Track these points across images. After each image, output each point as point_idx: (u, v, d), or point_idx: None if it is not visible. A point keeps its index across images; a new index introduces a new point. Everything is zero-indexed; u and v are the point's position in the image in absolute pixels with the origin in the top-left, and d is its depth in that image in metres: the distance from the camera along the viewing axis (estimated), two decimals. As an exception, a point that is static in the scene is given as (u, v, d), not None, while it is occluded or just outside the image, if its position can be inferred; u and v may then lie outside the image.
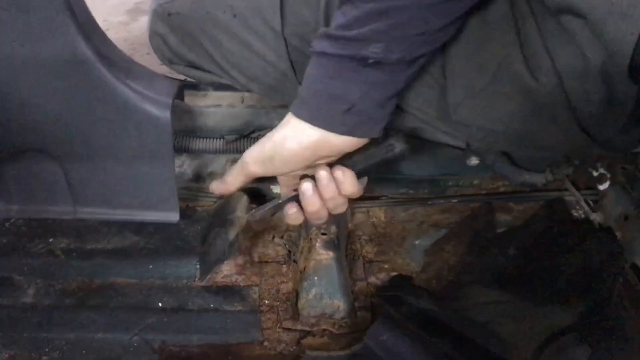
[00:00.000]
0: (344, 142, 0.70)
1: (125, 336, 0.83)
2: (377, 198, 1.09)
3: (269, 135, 0.73)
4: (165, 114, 0.87)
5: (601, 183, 1.04)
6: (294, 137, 0.70)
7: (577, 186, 1.06)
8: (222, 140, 0.96)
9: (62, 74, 0.83)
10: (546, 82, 0.78)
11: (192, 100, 0.98)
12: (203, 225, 0.95)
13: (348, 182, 0.73)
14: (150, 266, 0.92)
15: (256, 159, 0.74)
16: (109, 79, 0.85)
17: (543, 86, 0.78)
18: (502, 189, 1.09)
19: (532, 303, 0.89)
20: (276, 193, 1.05)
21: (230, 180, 0.80)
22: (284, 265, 0.97)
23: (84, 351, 0.81)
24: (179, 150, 0.96)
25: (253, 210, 0.81)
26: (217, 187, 0.82)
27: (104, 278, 0.91)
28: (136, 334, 0.84)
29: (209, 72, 0.92)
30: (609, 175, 1.03)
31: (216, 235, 0.82)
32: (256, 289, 0.92)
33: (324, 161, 0.74)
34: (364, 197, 1.07)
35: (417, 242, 1.01)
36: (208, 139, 0.96)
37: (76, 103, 0.86)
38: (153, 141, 0.89)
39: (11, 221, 0.96)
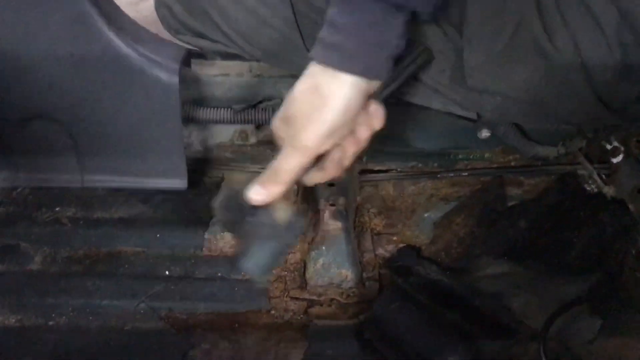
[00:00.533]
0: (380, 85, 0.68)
1: (131, 303, 0.83)
2: (386, 171, 1.07)
3: (316, 108, 0.66)
4: (173, 79, 0.86)
5: (614, 156, 1.02)
6: (356, 96, 0.65)
7: (590, 160, 1.04)
8: (229, 109, 0.95)
9: (69, 38, 0.82)
10: (562, 47, 0.77)
11: (199, 69, 0.97)
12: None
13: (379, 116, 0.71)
14: (157, 235, 0.92)
15: (321, 138, 0.66)
16: (117, 43, 0.84)
17: (559, 51, 0.77)
18: (513, 163, 1.07)
19: (543, 275, 0.88)
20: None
21: (288, 175, 0.69)
22: (292, 237, 0.96)
23: (90, 317, 0.81)
24: (186, 120, 0.95)
25: None
26: (268, 191, 0.70)
27: (110, 246, 0.90)
28: (142, 302, 0.83)
29: (216, 41, 0.91)
30: (622, 149, 1.01)
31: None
32: (264, 258, 0.91)
33: None
34: (373, 171, 1.06)
35: (426, 215, 1.00)
36: (215, 109, 0.95)
37: (84, 68, 0.85)
38: (161, 106, 0.88)
39: (18, 190, 0.96)
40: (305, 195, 0.99)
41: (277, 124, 0.70)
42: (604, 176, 1.02)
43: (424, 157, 1.06)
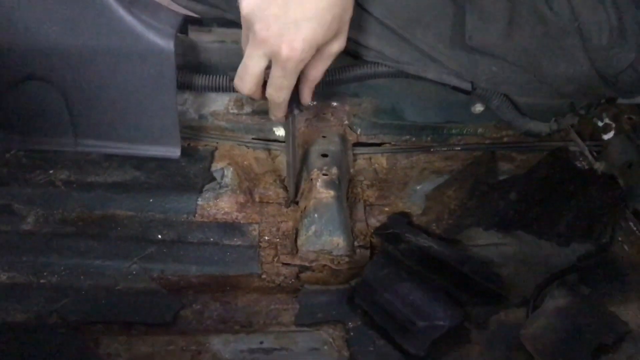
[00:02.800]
0: None
1: (123, 264, 0.83)
2: (379, 145, 1.08)
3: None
4: (169, 44, 0.86)
5: (606, 133, 1.03)
6: None
7: (582, 137, 1.06)
8: (225, 77, 0.95)
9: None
10: (559, 11, 0.78)
11: (196, 36, 0.97)
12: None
13: None
14: (151, 200, 0.92)
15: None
16: (113, 6, 0.84)
17: (557, 15, 0.78)
18: (505, 139, 1.08)
19: (533, 245, 0.89)
20: (280, 136, 1.05)
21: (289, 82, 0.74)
22: (284, 206, 0.96)
23: (82, 277, 0.81)
24: (182, 86, 0.95)
25: None
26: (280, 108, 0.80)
27: (103, 210, 0.90)
28: (135, 263, 0.83)
29: (214, 6, 0.92)
30: (614, 125, 1.03)
31: None
32: (256, 226, 0.92)
33: None
34: (367, 144, 1.07)
35: (418, 187, 1.01)
36: (211, 76, 0.95)
37: (79, 29, 0.85)
38: (156, 72, 0.88)
39: (12, 152, 0.96)
40: (299, 165, 1.00)
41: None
42: (595, 153, 1.03)
43: (417, 131, 1.07)
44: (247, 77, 0.75)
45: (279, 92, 0.76)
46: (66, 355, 0.73)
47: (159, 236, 0.88)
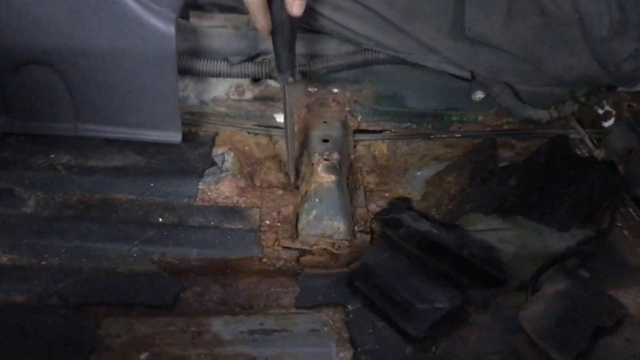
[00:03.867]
0: None
1: (124, 247, 0.83)
2: (380, 132, 1.08)
3: None
4: (169, 28, 0.87)
5: (606, 120, 1.03)
6: None
7: (582, 125, 1.06)
8: (226, 62, 0.95)
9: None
10: (560, 3, 0.78)
11: (197, 20, 0.97)
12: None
13: None
14: (152, 184, 0.92)
15: None
16: (115, -11, 0.84)
17: (558, 7, 0.78)
18: (505, 127, 1.08)
19: (532, 230, 0.89)
20: (280, 122, 1.05)
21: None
22: (285, 191, 0.97)
23: (82, 259, 0.82)
24: (183, 71, 0.95)
25: None
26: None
27: (104, 193, 0.91)
28: (135, 245, 0.84)
29: None
30: (614, 112, 1.03)
31: None
32: (257, 210, 0.92)
33: None
34: (367, 131, 1.07)
35: (418, 174, 1.01)
36: (211, 60, 0.95)
37: (81, 12, 0.85)
38: (157, 56, 0.89)
39: (13, 136, 0.96)
40: (300, 151, 1.00)
41: None
42: (595, 140, 1.03)
43: (418, 118, 1.07)
44: None
45: None
46: (67, 335, 0.73)
47: (160, 219, 0.88)
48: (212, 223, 0.90)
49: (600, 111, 1.05)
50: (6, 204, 0.87)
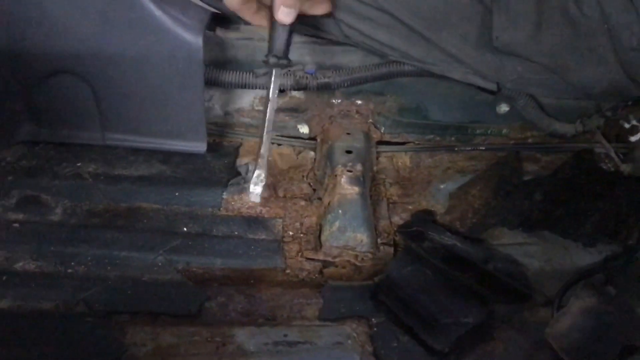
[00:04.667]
0: None
1: (149, 256, 0.84)
2: (403, 144, 1.08)
3: None
4: (197, 40, 0.88)
5: (633, 134, 1.02)
6: None
7: (608, 139, 1.05)
8: (251, 73, 0.96)
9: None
10: (589, 13, 0.77)
11: (223, 33, 0.98)
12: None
13: None
14: (177, 194, 0.93)
15: None
16: (144, 1, 0.85)
17: (586, 17, 0.77)
18: (530, 140, 1.07)
19: (558, 246, 0.88)
20: (304, 133, 1.05)
21: None
22: (308, 202, 0.97)
23: (108, 267, 0.82)
24: (208, 82, 0.96)
25: None
26: (287, 8, 0.76)
27: (130, 202, 0.91)
28: (160, 255, 0.84)
29: None
30: (641, 126, 1.02)
31: None
32: (280, 220, 0.92)
33: None
34: (390, 142, 1.07)
35: (442, 186, 1.00)
36: (237, 72, 0.96)
37: (110, 24, 0.86)
38: (184, 67, 0.89)
39: (40, 145, 0.97)
40: (323, 162, 1.00)
41: None
42: (621, 155, 1.02)
43: (441, 130, 1.07)
44: None
45: None
46: (93, 343, 0.73)
47: (185, 229, 0.89)
48: (236, 233, 0.90)
49: (627, 125, 1.04)
50: (33, 212, 0.88)
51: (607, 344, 0.73)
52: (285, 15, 0.76)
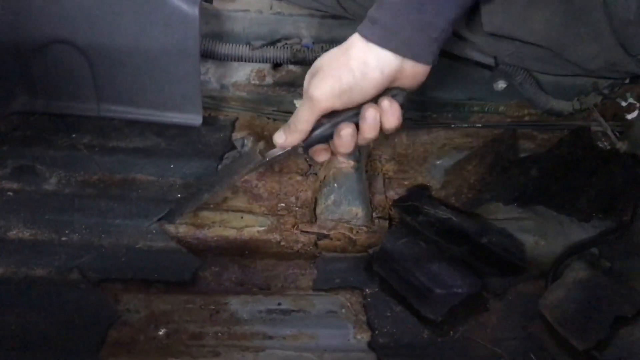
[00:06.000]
0: (424, 69, 0.69)
1: (143, 223, 0.84)
2: (399, 120, 1.07)
3: (338, 65, 0.68)
4: (193, 10, 0.87)
5: (630, 112, 1.02)
6: (377, 67, 0.67)
7: (605, 117, 1.05)
8: (247, 46, 0.95)
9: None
10: None
11: (220, 4, 0.97)
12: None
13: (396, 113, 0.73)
14: (172, 165, 0.92)
15: (331, 93, 0.68)
16: (140, -30, 0.84)
17: None
18: (527, 118, 1.07)
19: (553, 220, 0.88)
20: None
21: (302, 124, 0.72)
22: (304, 177, 0.97)
23: (102, 235, 0.82)
24: (204, 55, 0.95)
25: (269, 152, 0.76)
26: (286, 137, 0.73)
27: (124, 173, 0.91)
28: (154, 222, 0.84)
29: None
30: (638, 105, 1.02)
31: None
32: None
33: None
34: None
35: (438, 162, 1.00)
36: (233, 44, 0.95)
37: (107, -8, 0.86)
38: (180, 38, 0.89)
39: (35, 116, 0.97)
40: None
41: (307, 76, 0.71)
42: (617, 133, 1.02)
43: (438, 107, 1.07)
44: None
45: None
46: (86, 309, 0.73)
47: (178, 195, 0.88)
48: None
49: (624, 104, 1.04)
50: (29, 181, 0.88)
51: (600, 315, 0.73)
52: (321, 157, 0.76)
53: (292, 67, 1.02)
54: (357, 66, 0.67)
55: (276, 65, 1.02)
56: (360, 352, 0.72)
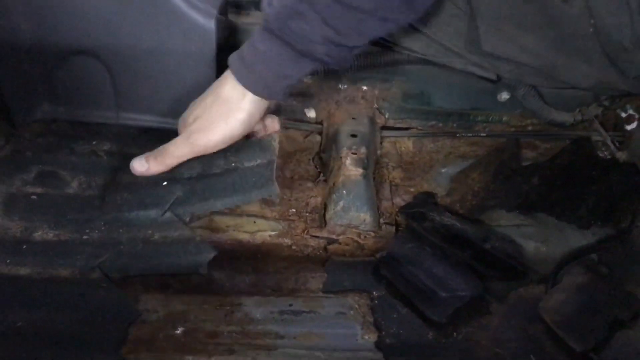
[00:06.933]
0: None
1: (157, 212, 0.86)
2: (406, 129, 1.11)
3: (225, 114, 0.82)
4: (210, 23, 0.91)
5: (629, 123, 1.05)
6: (257, 110, 0.83)
7: (605, 128, 1.08)
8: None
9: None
10: (574, 14, 0.79)
11: (235, 18, 1.02)
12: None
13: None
14: (187, 172, 0.96)
15: (222, 141, 0.84)
16: (159, -15, 0.89)
17: (571, 16, 0.79)
18: (530, 127, 1.11)
19: (554, 227, 0.92)
20: (310, 117, 1.09)
21: (173, 160, 0.86)
22: (314, 183, 1.00)
23: (120, 230, 0.85)
24: (220, 66, 0.99)
25: None
26: (149, 166, 0.86)
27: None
28: (167, 210, 0.86)
29: None
30: (637, 116, 1.05)
31: None
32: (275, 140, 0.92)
33: None
34: (394, 128, 1.11)
35: (443, 170, 1.04)
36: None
37: (126, 8, 0.90)
38: (197, 50, 0.93)
39: (58, 123, 1.01)
40: (328, 145, 1.04)
41: (184, 118, 0.85)
42: (617, 143, 1.05)
43: (444, 116, 1.10)
44: None
45: None
46: (108, 309, 0.77)
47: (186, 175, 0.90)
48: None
49: (624, 115, 1.07)
50: (52, 185, 0.91)
51: (597, 318, 0.77)
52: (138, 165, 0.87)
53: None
54: (241, 116, 0.81)
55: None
56: (368, 352, 0.75)
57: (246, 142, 0.89)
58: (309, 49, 0.75)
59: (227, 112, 0.81)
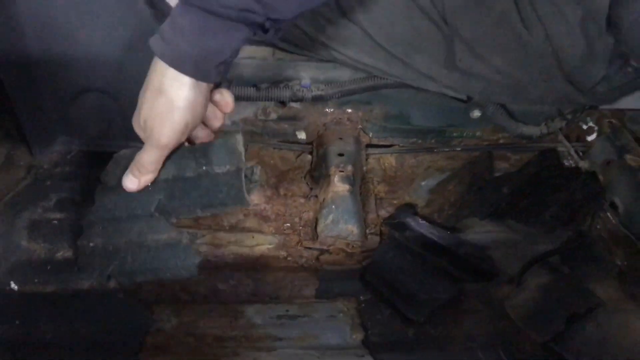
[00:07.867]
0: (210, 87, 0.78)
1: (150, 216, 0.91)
2: (389, 146, 1.22)
3: (167, 110, 0.75)
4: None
5: (589, 134, 1.16)
6: (201, 94, 0.76)
7: (569, 139, 1.19)
8: (254, 87, 1.10)
9: (122, 25, 0.98)
10: (537, 38, 0.90)
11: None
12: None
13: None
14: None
15: (180, 133, 0.78)
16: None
17: (534, 41, 0.90)
18: (501, 141, 1.21)
19: (521, 232, 1.02)
20: (301, 139, 1.20)
21: (153, 165, 0.83)
22: (306, 199, 1.11)
23: (116, 235, 0.92)
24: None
25: None
26: (139, 180, 0.85)
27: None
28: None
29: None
30: (596, 128, 1.16)
31: None
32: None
33: None
34: (378, 145, 1.21)
35: (423, 183, 1.14)
36: (242, 87, 1.10)
37: (132, 49, 1.00)
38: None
39: (72, 153, 1.11)
40: (318, 164, 1.14)
41: (136, 126, 0.81)
42: (580, 153, 1.16)
43: (422, 133, 1.21)
44: None
45: None
46: (125, 318, 0.87)
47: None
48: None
49: (585, 127, 1.17)
50: (71, 210, 1.02)
51: (556, 312, 0.87)
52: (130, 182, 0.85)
53: (294, 104, 1.16)
54: (182, 104, 0.74)
55: (280, 103, 1.17)
56: (356, 349, 0.86)
57: (211, 144, 0.88)
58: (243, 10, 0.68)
59: (169, 106, 0.75)
